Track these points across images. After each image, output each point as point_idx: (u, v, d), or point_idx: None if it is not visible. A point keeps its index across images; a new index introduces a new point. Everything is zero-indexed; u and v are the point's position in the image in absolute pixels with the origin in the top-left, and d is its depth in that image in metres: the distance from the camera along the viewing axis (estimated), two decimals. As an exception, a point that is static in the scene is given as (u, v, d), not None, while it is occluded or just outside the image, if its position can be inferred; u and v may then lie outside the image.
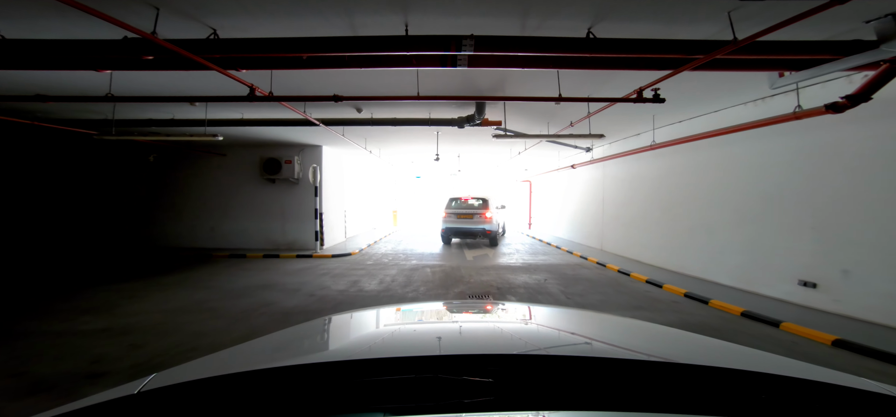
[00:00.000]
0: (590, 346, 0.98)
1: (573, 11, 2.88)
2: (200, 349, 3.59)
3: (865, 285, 4.05)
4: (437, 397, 0.63)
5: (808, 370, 0.74)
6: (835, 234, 4.36)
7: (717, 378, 0.70)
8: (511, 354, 0.83)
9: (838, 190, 4.33)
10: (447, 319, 1.33)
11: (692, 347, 0.98)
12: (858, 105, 3.33)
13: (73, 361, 3.23)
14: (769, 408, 0.63)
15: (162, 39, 2.77)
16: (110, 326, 4.17)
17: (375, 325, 1.24)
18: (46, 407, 0.60)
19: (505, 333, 1.10)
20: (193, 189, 10.16)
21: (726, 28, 2.90)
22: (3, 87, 4.81)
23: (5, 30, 2.95)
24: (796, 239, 4.80)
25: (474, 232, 11.10)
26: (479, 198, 11.62)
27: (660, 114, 6.15)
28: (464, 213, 11.12)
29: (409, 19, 2.98)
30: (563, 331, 1.10)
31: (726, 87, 4.82)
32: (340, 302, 5.37)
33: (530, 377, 0.70)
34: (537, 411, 0.61)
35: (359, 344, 1.07)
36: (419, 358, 0.75)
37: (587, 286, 6.40)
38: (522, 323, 1.21)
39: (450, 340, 0.98)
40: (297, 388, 0.67)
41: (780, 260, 5.00)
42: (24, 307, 4.93)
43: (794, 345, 3.73)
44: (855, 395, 0.66)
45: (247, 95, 3.90)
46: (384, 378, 0.68)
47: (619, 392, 0.67)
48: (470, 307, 1.63)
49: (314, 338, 1.11)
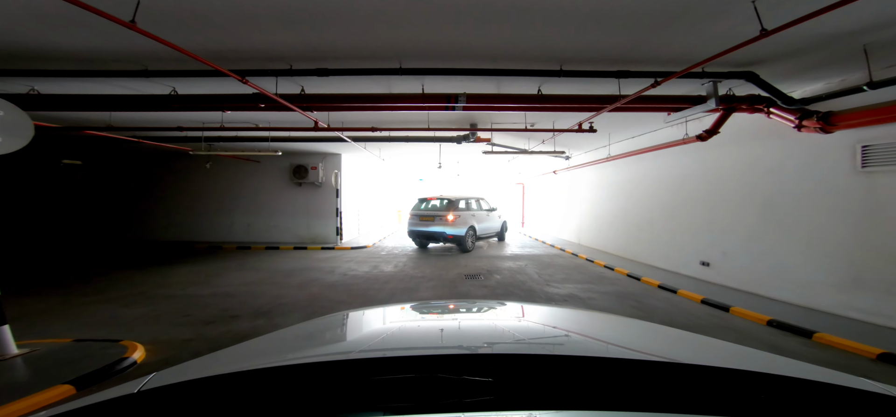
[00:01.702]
0: (590, 346, 0.98)
1: (527, 79, 4.69)
2: (286, 302, 5.36)
3: (733, 262, 5.85)
4: (437, 396, 0.63)
5: (808, 370, 0.75)
6: (718, 227, 6.17)
7: (717, 378, 0.71)
8: (511, 354, 0.84)
9: (718, 193, 6.15)
10: (447, 318, 1.32)
11: (693, 347, 0.98)
12: (713, 136, 5.16)
13: (211, 311, 4.94)
14: (769, 408, 0.62)
15: (274, 94, 4.58)
16: (214, 292, 5.93)
17: (375, 324, 1.25)
18: (226, 333, 1.48)
19: (505, 333, 1.10)
20: (234, 191, 11.96)
21: (619, 87, 4.71)
22: (154, 120, 6.67)
23: (181, 88, 4.78)
24: (698, 230, 6.61)
25: (435, 237, 10.23)
26: (444, 198, 10.64)
27: (596, 137, 8.08)
28: (426, 215, 10.30)
29: (425, 84, 4.80)
30: (564, 331, 1.10)
31: (635, 121, 6.74)
32: (367, 278, 7.17)
33: (530, 376, 0.70)
34: (537, 410, 0.60)
35: (358, 344, 1.08)
36: (419, 358, 0.76)
37: (557, 270, 8.17)
38: (522, 322, 1.21)
39: (450, 339, 1.00)
40: (296, 387, 0.68)
41: (690, 246, 6.81)
42: (140, 279, 6.74)
43: (678, 303, 5.42)
44: (855, 395, 0.66)
45: (312, 128, 5.72)
46: (384, 378, 0.68)
47: (620, 391, 0.67)
48: (470, 306, 1.63)
49: (314, 338, 1.11)
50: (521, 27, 3.34)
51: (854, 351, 3.54)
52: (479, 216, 11.27)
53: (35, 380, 2.79)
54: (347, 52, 3.89)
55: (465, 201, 10.90)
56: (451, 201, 10.45)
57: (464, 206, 10.70)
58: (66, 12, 2.73)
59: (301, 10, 3.03)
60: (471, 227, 10.54)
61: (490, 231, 12.10)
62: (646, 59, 4.00)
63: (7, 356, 3.11)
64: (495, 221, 12.49)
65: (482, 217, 11.41)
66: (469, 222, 10.52)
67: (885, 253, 3.93)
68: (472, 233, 10.64)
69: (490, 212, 12.11)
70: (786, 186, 5.01)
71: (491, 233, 12.22)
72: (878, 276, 4.00)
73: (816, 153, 4.60)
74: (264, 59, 4.05)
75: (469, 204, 11.05)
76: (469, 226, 10.45)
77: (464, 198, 10.92)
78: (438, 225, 10.05)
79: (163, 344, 3.75)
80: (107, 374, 2.99)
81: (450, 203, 10.41)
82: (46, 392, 2.62)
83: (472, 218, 10.70)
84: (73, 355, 3.26)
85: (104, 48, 3.76)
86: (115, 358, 3.21)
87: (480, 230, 11.25)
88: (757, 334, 4.13)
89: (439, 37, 3.55)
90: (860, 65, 3.77)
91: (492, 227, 12.18)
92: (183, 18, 3.14)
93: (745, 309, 4.78)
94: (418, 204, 10.93)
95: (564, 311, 1.52)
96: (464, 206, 10.70)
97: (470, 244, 10.44)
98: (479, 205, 11.50)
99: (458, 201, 10.60)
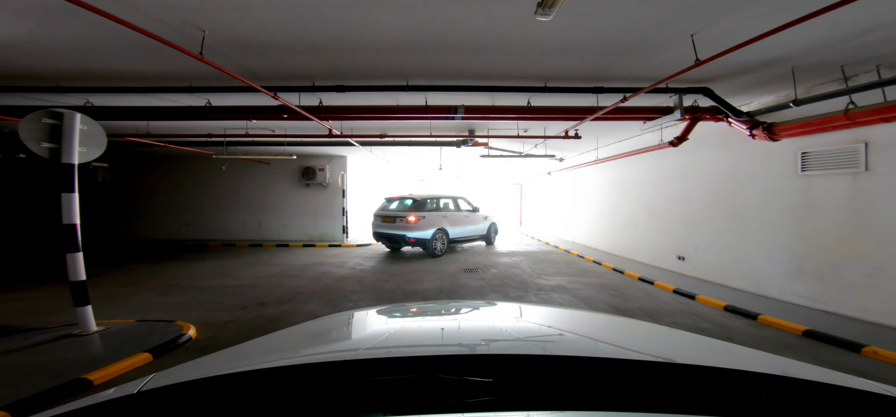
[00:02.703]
0: (591, 346, 0.99)
1: (517, 93, 5.36)
2: (304, 291, 6.03)
3: (703, 257, 6.53)
4: (437, 397, 0.63)
5: (809, 370, 0.75)
6: (691, 224, 6.84)
7: (717, 378, 0.71)
8: (511, 354, 0.85)
9: (690, 194, 6.83)
10: (447, 319, 1.32)
11: (694, 347, 0.99)
12: (683, 142, 5.85)
13: (240, 299, 5.57)
14: (769, 408, 0.63)
15: (297, 106, 5.26)
16: (239, 284, 6.61)
17: (376, 325, 1.26)
18: (259, 316, 2.01)
19: (505, 333, 1.11)
20: (246, 191, 12.66)
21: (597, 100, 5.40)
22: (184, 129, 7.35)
23: (215, 100, 5.48)
24: (675, 227, 7.29)
25: (396, 240, 9.54)
26: (408, 197, 9.89)
27: (576, 145, 8.77)
28: (388, 216, 9.62)
29: (428, 98, 5.49)
30: (564, 331, 1.11)
31: (618, 128, 7.46)
32: (374, 272, 7.85)
33: (530, 377, 0.70)
34: (537, 411, 0.61)
35: (359, 344, 1.09)
36: (419, 358, 0.77)
37: (548, 265, 8.83)
38: (523, 323, 1.22)
39: (450, 340, 1.01)
40: (296, 388, 0.68)
41: (668, 242, 7.49)
42: (169, 274, 7.42)
43: (653, 293, 6.09)
44: (855, 395, 0.66)
45: (326, 135, 6.41)
46: (384, 378, 0.69)
47: (621, 392, 0.68)
48: (470, 307, 1.66)
49: (314, 338, 1.11)
50: (508, 55, 4.03)
51: (786, 329, 4.21)
52: (455, 217, 10.39)
53: (119, 350, 3.42)
54: (362, 72, 4.58)
55: (434, 200, 10.03)
56: (416, 201, 9.67)
57: (433, 206, 9.90)
58: (148, 44, 3.42)
59: (329, 42, 3.71)
60: (440, 230, 9.71)
61: (471, 233, 11.09)
62: (618, 77, 4.69)
63: (89, 331, 3.77)
64: (479, 223, 11.45)
65: (459, 218, 10.52)
66: (438, 224, 9.69)
67: (817, 245, 4.62)
68: (442, 236, 9.80)
69: (471, 213, 11.13)
70: (745, 187, 5.69)
71: (472, 236, 11.22)
72: (813, 266, 4.68)
73: (768, 158, 5.28)
74: (291, 77, 4.74)
75: (439, 203, 10.16)
76: (437, 228, 9.62)
77: (434, 197, 10.08)
78: (399, 228, 9.27)
79: (207, 324, 4.42)
80: (172, 346, 3.63)
81: (415, 203, 9.63)
82: (133, 357, 3.26)
83: (442, 220, 9.88)
84: (140, 332, 3.93)
85: (159, 69, 4.45)
86: (175, 335, 3.84)
87: (457, 233, 10.39)
88: (713, 317, 4.79)
89: (440, 62, 4.24)
90: (800, 82, 4.46)
91: (473, 230, 11.17)
92: (234, 48, 3.82)
93: (709, 297, 5.44)
94: (384, 204, 10.26)
95: (565, 311, 1.58)
96: (433, 206, 9.90)
97: (439, 248, 9.62)
98: (455, 205, 10.63)
99: (426, 201, 9.79)
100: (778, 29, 2.82)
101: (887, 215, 3.93)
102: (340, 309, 5.16)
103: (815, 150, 4.63)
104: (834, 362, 3.39)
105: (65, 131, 3.53)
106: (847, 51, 3.66)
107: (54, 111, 3.51)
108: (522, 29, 3.39)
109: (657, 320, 4.67)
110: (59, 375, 2.91)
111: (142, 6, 2.95)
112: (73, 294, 3.71)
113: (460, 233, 10.57)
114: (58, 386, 2.74)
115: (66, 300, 5.45)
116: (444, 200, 10.34)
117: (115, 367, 3.11)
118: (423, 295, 5.95)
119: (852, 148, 4.21)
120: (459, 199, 10.93)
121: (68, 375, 2.91)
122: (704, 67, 3.67)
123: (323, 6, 3.03)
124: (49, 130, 3.48)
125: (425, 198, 9.84)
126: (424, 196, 9.94)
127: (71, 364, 3.11)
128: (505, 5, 2.99)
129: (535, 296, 5.85)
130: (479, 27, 3.38)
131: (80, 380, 2.86)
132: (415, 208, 9.49)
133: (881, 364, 3.34)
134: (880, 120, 3.70)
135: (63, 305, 4.84)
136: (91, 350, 3.43)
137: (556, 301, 5.59)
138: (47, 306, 5.06)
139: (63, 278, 3.99)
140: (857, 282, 4.20)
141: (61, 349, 3.42)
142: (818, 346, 3.78)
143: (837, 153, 4.38)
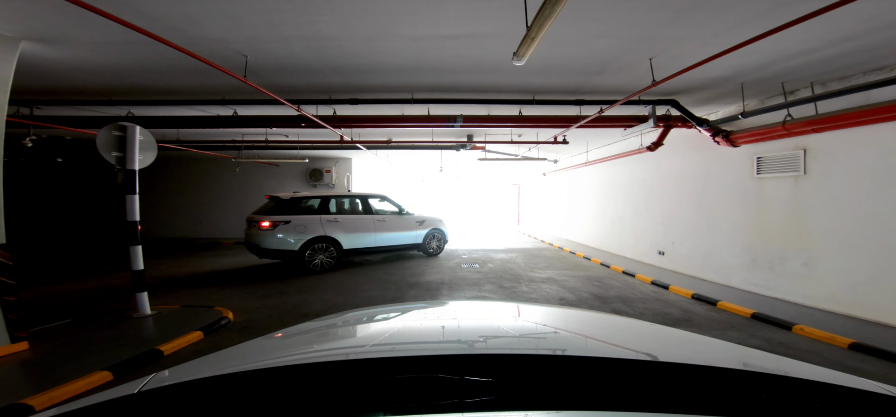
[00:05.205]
0: (592, 346, 0.99)
1: (510, 105, 6.05)
2: (316, 285, 6.72)
3: (680, 251, 7.22)
4: (438, 397, 0.63)
5: (809, 370, 0.76)
6: (670, 222, 7.53)
7: (717, 378, 0.72)
8: (511, 354, 0.85)
9: (669, 193, 7.52)
10: (448, 319, 1.32)
11: (694, 347, 1.00)
12: (659, 147, 6.54)
13: (264, 289, 6.32)
14: (769, 408, 0.63)
15: (314, 116, 5.95)
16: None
17: (376, 325, 1.27)
18: (281, 303, 2.45)
19: (505, 333, 1.11)
20: (258, 192, 13.30)
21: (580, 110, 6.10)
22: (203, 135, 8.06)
23: (241, 110, 6.17)
24: (656, 224, 7.98)
25: (254, 250, 7.42)
26: (275, 196, 7.69)
27: (569, 148, 9.44)
28: (253, 219, 7.47)
29: (431, 108, 6.18)
30: (565, 331, 1.12)
31: (604, 133, 8.15)
32: (381, 267, 8.53)
33: (531, 377, 0.70)
34: (537, 411, 0.61)
35: (359, 344, 1.09)
36: (420, 358, 0.77)
37: (542, 260, 9.51)
38: (523, 323, 1.23)
39: (450, 340, 1.01)
40: (296, 388, 0.69)
41: (650, 238, 8.18)
42: (195, 267, 8.10)
43: (633, 284, 6.80)
44: (855, 395, 0.66)
45: (338, 140, 7.10)
46: (384, 378, 0.69)
47: (621, 392, 0.68)
48: (470, 307, 1.67)
49: (314, 338, 1.12)
50: (499, 74, 4.72)
51: (738, 313, 4.89)
52: (353, 222, 8.06)
53: (173, 330, 4.05)
54: (373, 88, 5.27)
55: (320, 200, 7.92)
56: (281, 201, 7.53)
57: (316, 206, 7.81)
58: (194, 66, 4.11)
59: (348, 65, 4.40)
60: (319, 237, 7.56)
61: (389, 243, 8.63)
62: (595, 91, 5.38)
63: (145, 314, 4.45)
64: (408, 229, 8.97)
65: (364, 224, 8.21)
66: (317, 231, 7.54)
67: (769, 240, 5.31)
68: (327, 248, 7.64)
69: (392, 217, 8.73)
70: (712, 188, 6.38)
71: (391, 246, 8.72)
72: (765, 258, 5.37)
73: (731, 162, 5.97)
74: (311, 91, 5.42)
75: (328, 204, 7.97)
76: (313, 236, 7.47)
77: (318, 197, 7.97)
78: (254, 236, 7.30)
79: (240, 310, 5.07)
80: (217, 326, 4.29)
81: (279, 203, 7.53)
82: (189, 335, 3.91)
83: (327, 226, 7.68)
84: (186, 315, 4.59)
85: (199, 84, 5.13)
86: (216, 318, 4.47)
87: (361, 243, 8.16)
88: (680, 304, 5.47)
89: (441, 80, 4.93)
90: (749, 96, 5.16)
91: (394, 239, 8.71)
92: (269, 71, 4.51)
93: (680, 288, 6.13)
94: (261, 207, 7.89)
95: (565, 311, 1.58)
96: (316, 206, 7.81)
97: (318, 262, 7.53)
98: (357, 206, 8.35)
99: (301, 200, 7.71)
100: (714, 57, 3.49)
101: (819, 212, 4.62)
102: (345, 297, 5.86)
103: (767, 155, 5.32)
104: (767, 337, 4.08)
105: (128, 141, 4.21)
106: (781, 71, 4.35)
107: (120, 124, 4.19)
108: (510, 56, 4.07)
109: (631, 305, 5.36)
110: (135, 347, 3.58)
111: (201, 41, 3.64)
112: (133, 281, 4.39)
113: (373, 241, 8.33)
114: (140, 355, 3.41)
115: (112, 290, 6.17)
116: (336, 200, 8.10)
117: (177, 342, 3.77)
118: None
119: (794, 154, 4.90)
120: (369, 197, 8.60)
121: (144, 347, 3.58)
122: (670, 82, 4.35)
123: (347, 40, 3.72)
124: (116, 141, 4.16)
125: (301, 197, 7.74)
126: (304, 194, 7.87)
127: (143, 339, 3.79)
128: (495, 41, 3.69)
129: (526, 286, 6.53)
130: (476, 56, 4.07)
131: (155, 351, 3.54)
132: (274, 211, 7.40)
133: (805, 339, 4.03)
134: (812, 130, 4.39)
135: (112, 295, 5.58)
136: (152, 329, 4.11)
137: (546, 291, 6.27)
138: (95, 294, 5.76)
139: (104, 270, 4.62)
140: (798, 271, 4.90)
141: (130, 328, 4.11)
142: (759, 326, 4.47)
143: (783, 159, 5.07)
